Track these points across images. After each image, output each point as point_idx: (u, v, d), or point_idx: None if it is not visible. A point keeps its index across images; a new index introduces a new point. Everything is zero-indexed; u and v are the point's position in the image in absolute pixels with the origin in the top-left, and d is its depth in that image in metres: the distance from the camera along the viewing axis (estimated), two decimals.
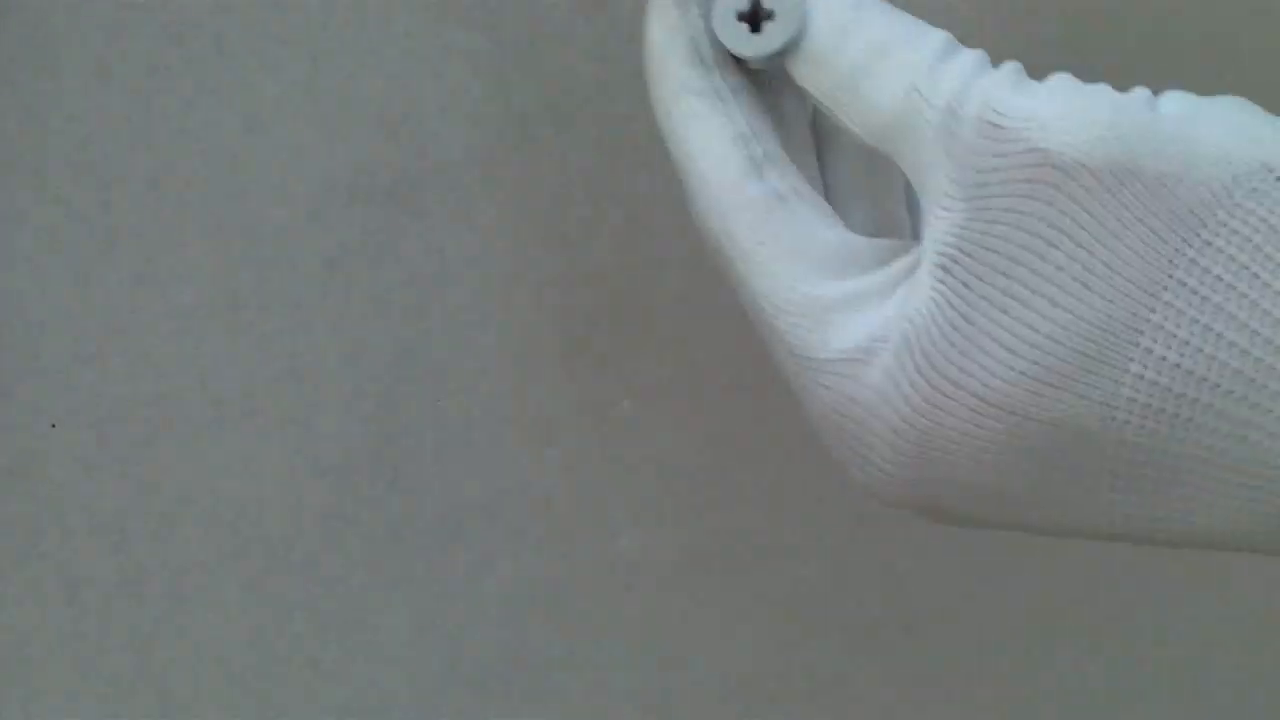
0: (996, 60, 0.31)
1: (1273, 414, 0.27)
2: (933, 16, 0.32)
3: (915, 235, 0.35)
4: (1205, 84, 0.30)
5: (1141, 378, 0.28)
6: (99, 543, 0.43)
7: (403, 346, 0.44)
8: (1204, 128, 0.28)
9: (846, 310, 0.31)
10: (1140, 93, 0.29)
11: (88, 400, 0.42)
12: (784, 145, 0.34)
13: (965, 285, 0.29)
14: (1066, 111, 0.29)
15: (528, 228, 0.44)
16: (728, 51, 0.33)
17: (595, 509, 0.45)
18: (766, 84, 0.34)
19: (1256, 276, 0.27)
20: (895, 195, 0.36)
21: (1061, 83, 0.30)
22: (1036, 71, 0.30)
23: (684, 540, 0.46)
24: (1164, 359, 0.28)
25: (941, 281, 0.29)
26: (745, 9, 0.33)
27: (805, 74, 0.32)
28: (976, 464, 0.30)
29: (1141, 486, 0.29)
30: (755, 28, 0.33)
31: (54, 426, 0.43)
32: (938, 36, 0.31)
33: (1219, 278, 0.27)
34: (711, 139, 0.33)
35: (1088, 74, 0.30)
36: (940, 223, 0.30)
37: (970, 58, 0.31)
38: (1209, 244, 0.27)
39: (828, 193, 0.36)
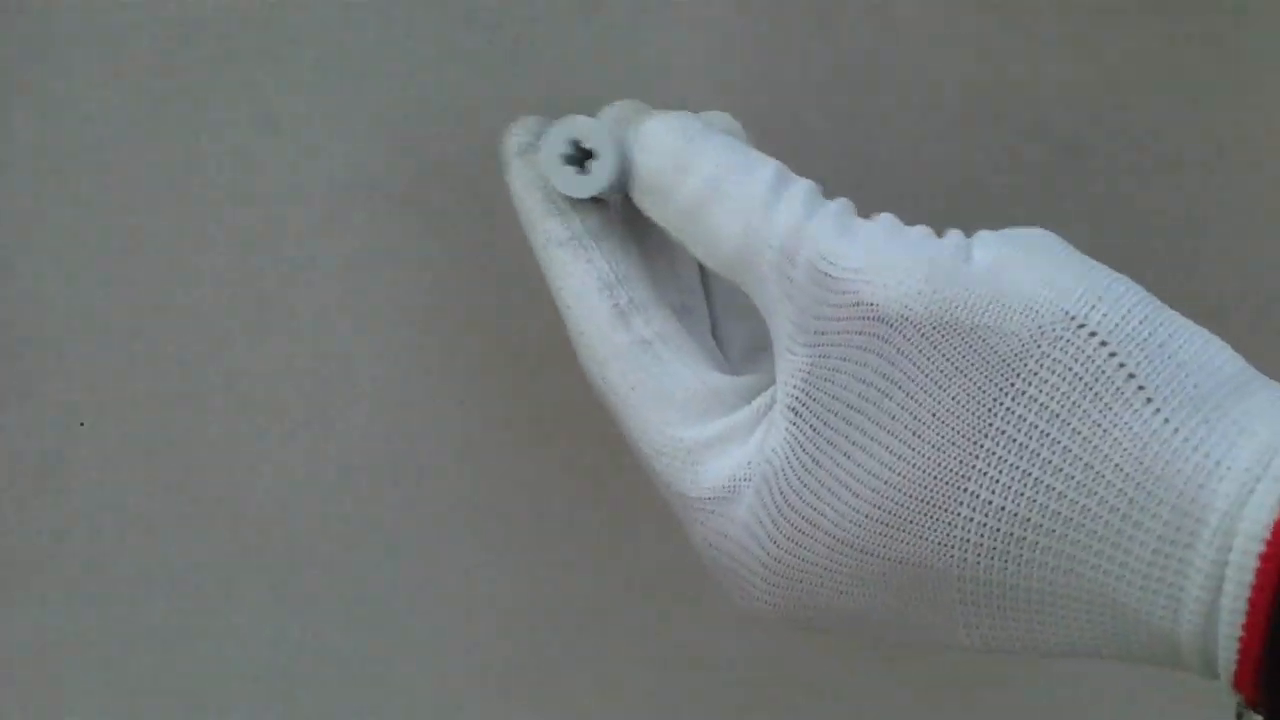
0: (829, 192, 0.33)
1: (1091, 549, 0.29)
2: None
3: None
4: None
5: (972, 520, 0.30)
6: (125, 542, 0.44)
7: (426, 350, 0.44)
8: (1011, 277, 0.30)
9: (711, 451, 0.33)
10: (953, 238, 0.31)
11: (115, 401, 0.43)
12: (660, 278, 0.36)
13: (813, 429, 0.31)
14: (887, 264, 0.31)
15: None
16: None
17: (616, 515, 0.46)
18: (640, 217, 0.35)
19: (1067, 423, 0.29)
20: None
21: (884, 227, 0.32)
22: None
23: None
24: (990, 503, 0.30)
25: (793, 424, 0.32)
26: (569, 152, 0.34)
27: (649, 206, 0.34)
28: (838, 594, 0.32)
29: (989, 612, 0.31)
30: (582, 168, 0.34)
31: (82, 426, 0.43)
32: (768, 169, 0.33)
33: (1034, 425, 0.29)
34: (580, 288, 0.35)
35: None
36: (788, 365, 0.32)
37: (800, 194, 0.32)
38: (1023, 393, 0.29)
39: (714, 311, 0.38)
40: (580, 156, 0.34)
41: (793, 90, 0.43)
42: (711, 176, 0.33)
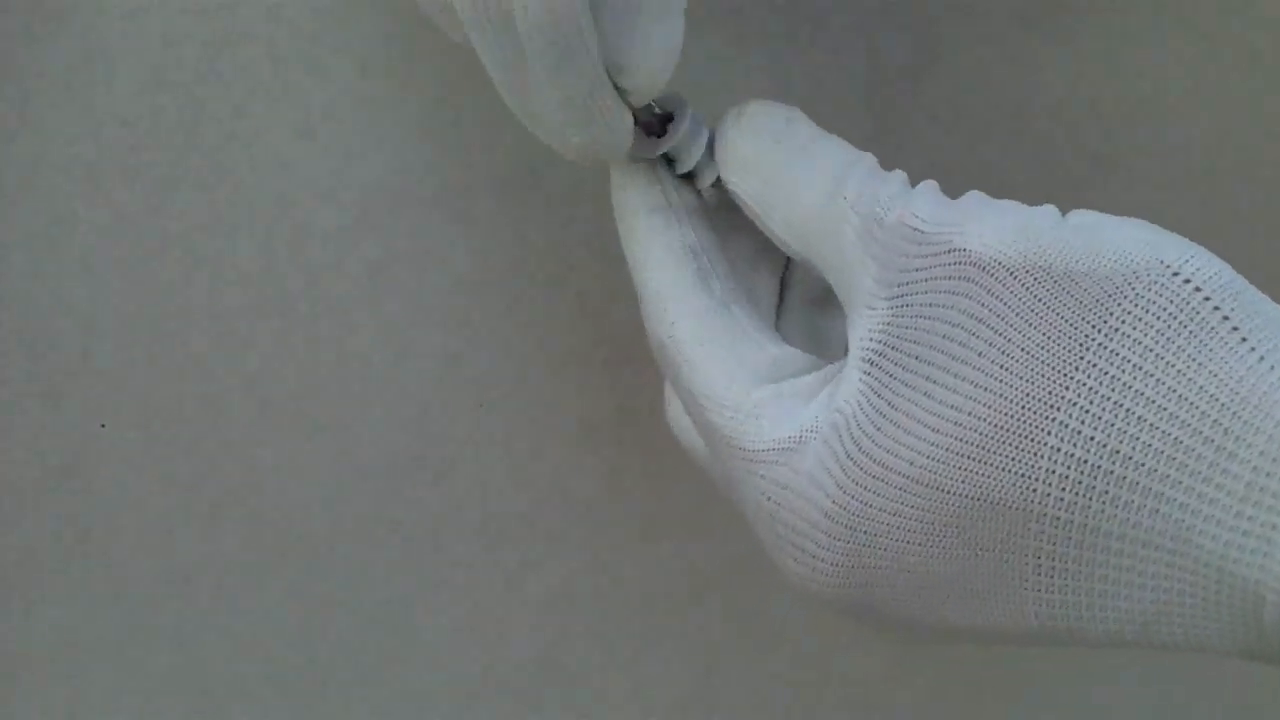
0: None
1: (1181, 484, 0.28)
2: None
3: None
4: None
5: (1059, 450, 0.29)
6: (145, 542, 0.44)
7: (446, 352, 0.44)
8: (1106, 233, 0.30)
9: (779, 407, 0.33)
10: (1049, 207, 0.32)
11: (137, 401, 0.43)
12: (739, 271, 0.37)
13: (891, 375, 0.31)
14: (983, 218, 0.31)
15: (570, 235, 0.44)
16: (683, 179, 0.36)
17: (635, 516, 0.46)
18: (729, 221, 0.37)
19: (1160, 357, 0.29)
20: (837, 346, 0.38)
21: (976, 197, 0.32)
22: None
23: (723, 549, 0.46)
24: (1079, 433, 0.29)
25: (868, 374, 0.31)
26: (649, 120, 0.36)
27: (737, 179, 0.35)
28: (905, 545, 0.31)
29: (1063, 564, 0.30)
30: (662, 135, 0.36)
31: (104, 427, 0.43)
32: (864, 154, 0.34)
33: (1127, 359, 0.29)
34: (666, 249, 0.35)
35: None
36: (865, 322, 0.32)
37: (893, 175, 0.33)
38: (1116, 330, 0.29)
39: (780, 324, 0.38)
40: (658, 124, 0.36)
41: (829, 98, 0.43)
42: (805, 148, 0.34)
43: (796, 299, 0.38)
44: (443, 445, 0.44)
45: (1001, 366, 0.30)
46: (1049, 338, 0.29)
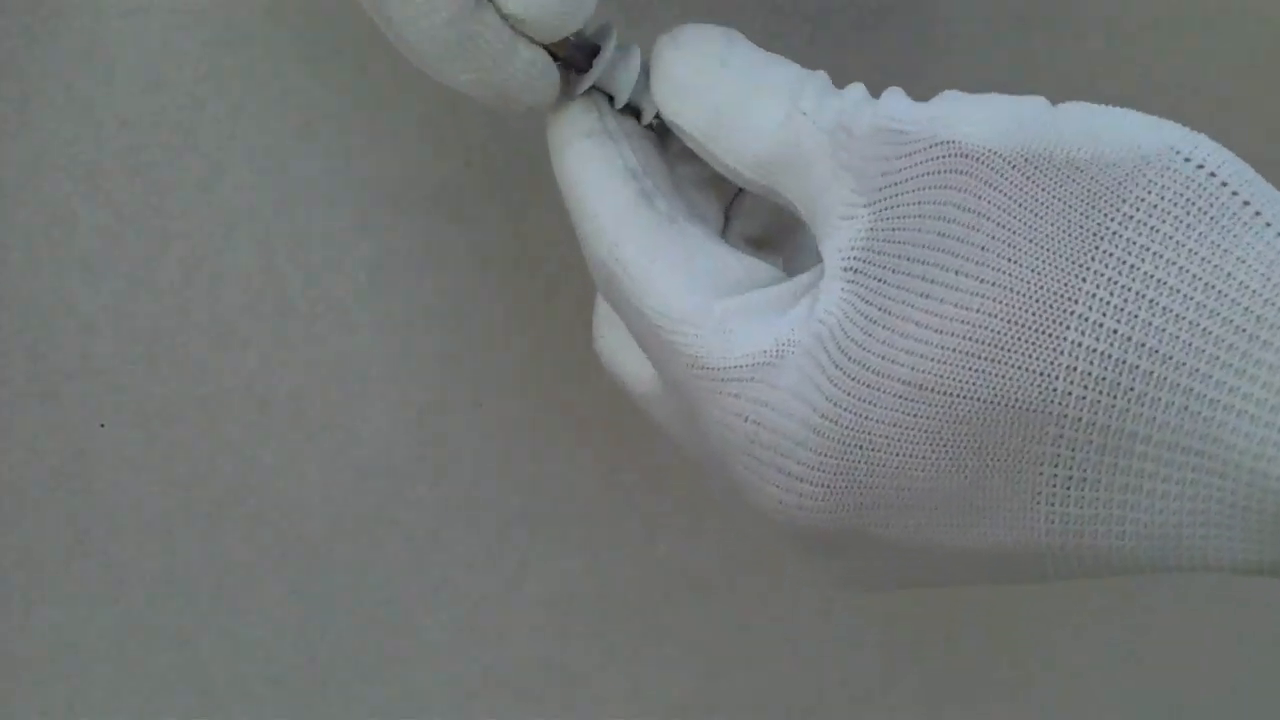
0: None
1: (1211, 378, 0.26)
2: None
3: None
4: None
5: (1080, 345, 0.27)
6: (145, 542, 0.44)
7: (446, 352, 0.44)
8: (1105, 120, 0.28)
9: (748, 318, 0.30)
10: (1037, 97, 0.29)
11: (136, 401, 0.43)
12: (689, 198, 0.34)
13: (880, 280, 0.28)
14: (969, 110, 0.29)
15: (570, 235, 0.44)
16: (620, 110, 0.33)
17: (635, 515, 0.46)
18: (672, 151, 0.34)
19: (1182, 245, 0.26)
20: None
21: (953, 94, 0.30)
22: None
23: (723, 547, 0.46)
24: (1100, 325, 0.27)
25: (852, 282, 0.29)
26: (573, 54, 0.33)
27: (676, 106, 0.32)
28: (906, 461, 0.28)
29: (1080, 476, 0.27)
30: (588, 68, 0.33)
31: (103, 426, 0.43)
32: (816, 72, 0.31)
33: (1145, 247, 0.27)
34: (601, 173, 0.32)
35: None
36: (843, 233, 0.29)
37: (853, 87, 0.31)
38: (1130, 217, 0.27)
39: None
40: (586, 61, 0.33)
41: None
42: (751, 68, 0.32)
43: (735, 235, 0.36)
44: (443, 445, 0.44)
45: (1009, 260, 0.27)
46: (1059, 228, 0.27)
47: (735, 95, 0.31)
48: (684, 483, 0.45)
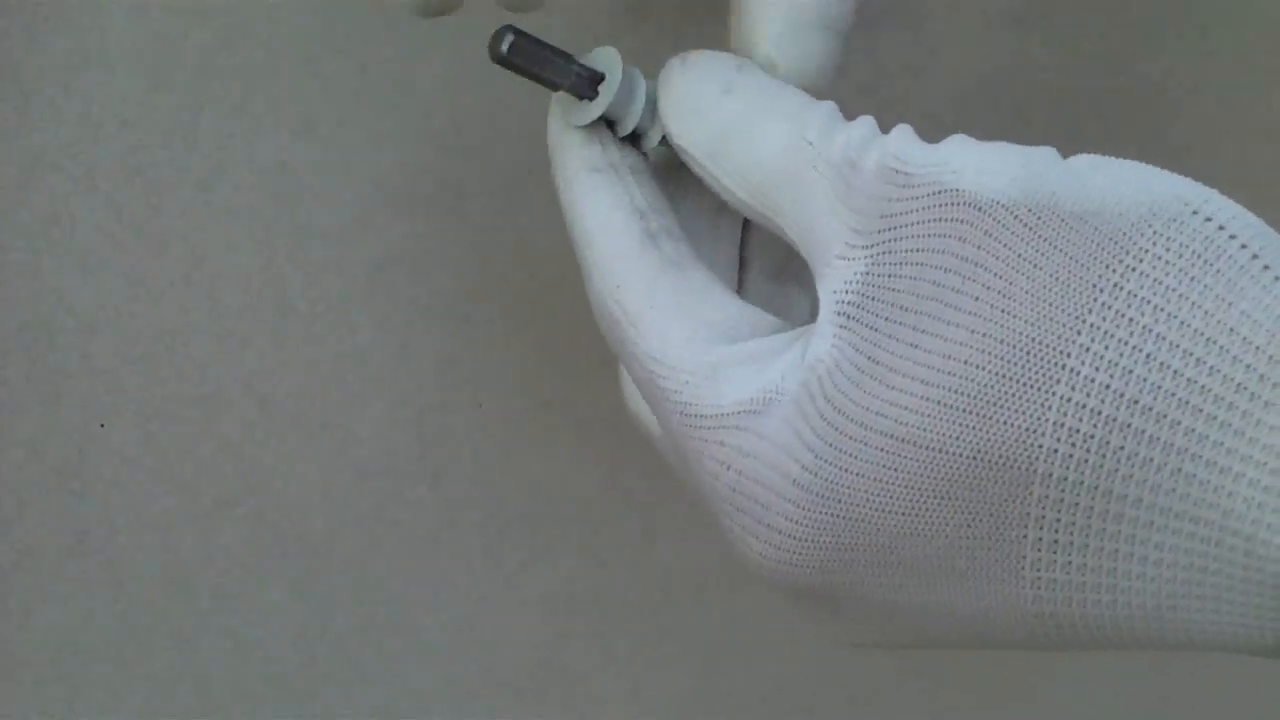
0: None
1: (1209, 439, 0.25)
2: None
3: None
4: None
5: (1070, 400, 0.26)
6: (145, 542, 0.44)
7: (446, 352, 0.44)
8: (1114, 171, 0.27)
9: (739, 367, 0.29)
10: (1047, 147, 0.28)
11: (136, 401, 0.43)
12: (695, 237, 0.33)
13: (871, 327, 0.28)
14: (978, 158, 0.28)
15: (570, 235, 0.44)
16: (624, 139, 0.33)
17: (635, 516, 0.46)
18: (678, 183, 0.34)
19: (1185, 297, 0.25)
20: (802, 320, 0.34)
21: (961, 138, 0.29)
22: None
23: (723, 549, 0.46)
24: (1093, 380, 0.25)
25: (844, 326, 0.28)
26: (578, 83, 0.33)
27: (683, 131, 0.32)
28: (887, 515, 0.27)
29: (1067, 540, 0.26)
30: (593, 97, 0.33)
31: (103, 427, 0.43)
32: (824, 102, 0.31)
33: (1146, 300, 0.25)
34: (608, 211, 0.32)
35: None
36: (839, 273, 0.28)
37: (861, 120, 0.30)
38: (1133, 269, 0.26)
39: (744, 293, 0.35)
40: (590, 89, 0.33)
41: (829, 98, 0.43)
42: (760, 93, 0.31)
43: (757, 272, 0.35)
44: (443, 445, 0.44)
45: (1003, 311, 0.26)
46: (1057, 280, 0.26)
47: (741, 118, 0.31)
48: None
